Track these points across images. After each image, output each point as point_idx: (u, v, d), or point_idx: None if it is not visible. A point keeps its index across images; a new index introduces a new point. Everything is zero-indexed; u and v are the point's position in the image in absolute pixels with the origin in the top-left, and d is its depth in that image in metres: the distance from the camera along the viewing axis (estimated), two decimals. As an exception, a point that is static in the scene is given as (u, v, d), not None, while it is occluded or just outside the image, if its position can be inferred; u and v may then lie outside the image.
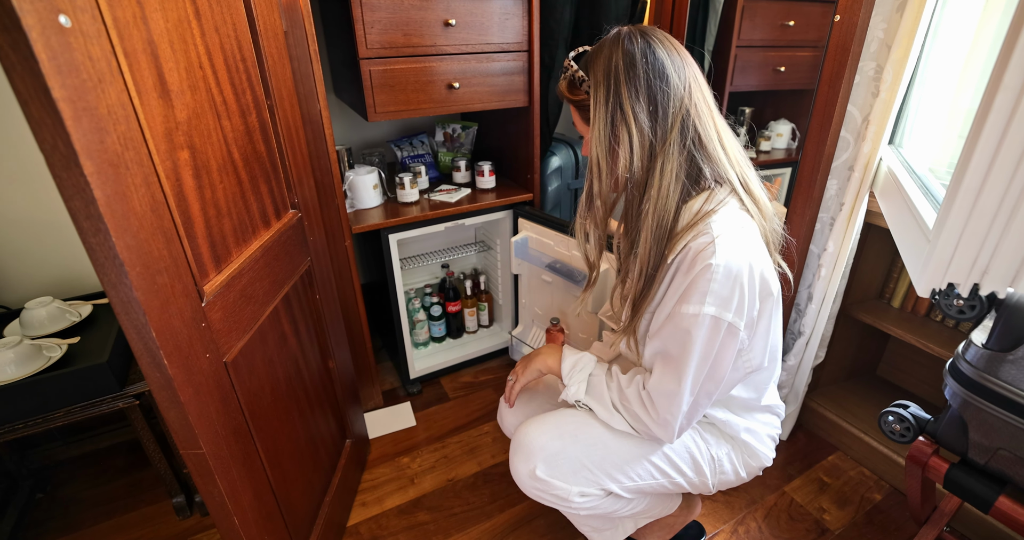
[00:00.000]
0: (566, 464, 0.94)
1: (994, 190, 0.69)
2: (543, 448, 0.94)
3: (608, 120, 0.81)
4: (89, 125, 0.54)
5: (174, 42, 0.70)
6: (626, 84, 0.78)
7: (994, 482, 0.83)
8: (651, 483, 0.99)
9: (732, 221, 0.81)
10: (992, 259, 0.73)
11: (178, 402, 0.68)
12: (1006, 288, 0.74)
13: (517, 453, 0.98)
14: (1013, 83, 0.64)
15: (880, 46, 1.18)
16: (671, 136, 0.80)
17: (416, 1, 1.31)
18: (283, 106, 1.02)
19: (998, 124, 0.67)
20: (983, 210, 0.71)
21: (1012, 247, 0.70)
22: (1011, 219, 0.69)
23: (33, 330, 1.22)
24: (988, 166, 0.69)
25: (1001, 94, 0.66)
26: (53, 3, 0.51)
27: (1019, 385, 0.75)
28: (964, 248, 0.75)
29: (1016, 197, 0.68)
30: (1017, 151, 0.66)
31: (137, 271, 0.60)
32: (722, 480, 1.03)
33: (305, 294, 1.13)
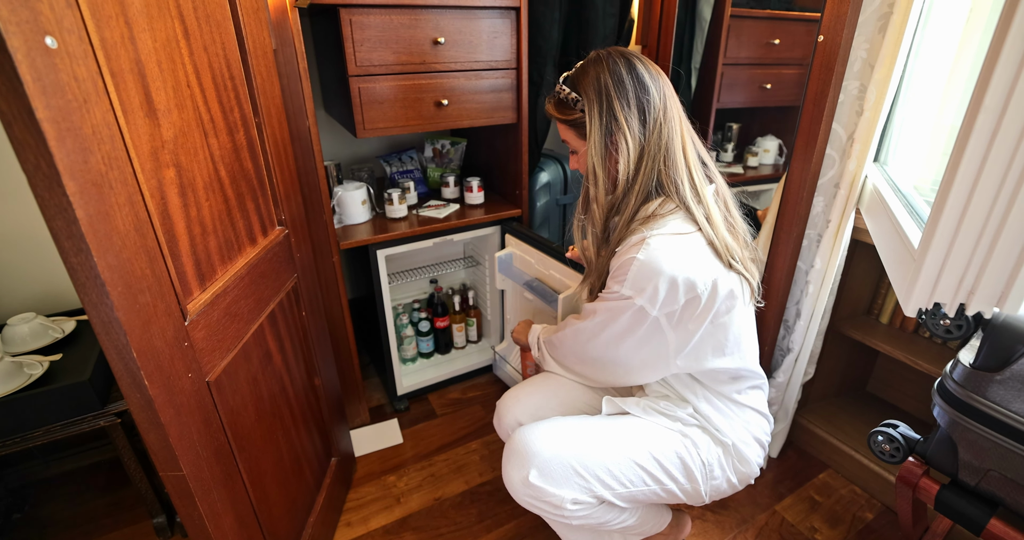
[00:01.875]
0: (560, 471, 0.95)
1: (978, 211, 0.70)
2: (537, 454, 0.95)
3: (604, 131, 0.90)
4: (73, 145, 0.54)
5: (162, 62, 0.71)
6: (617, 98, 0.89)
7: (985, 504, 0.82)
8: (643, 490, 0.99)
9: (672, 227, 0.89)
10: (978, 279, 0.74)
11: (158, 423, 0.67)
12: (992, 308, 0.75)
13: (511, 459, 0.98)
14: (993, 104, 0.66)
15: (863, 65, 1.20)
16: (652, 140, 0.90)
17: (406, 19, 1.32)
18: (271, 124, 1.02)
19: (980, 145, 0.68)
20: (968, 231, 0.72)
21: (997, 268, 0.71)
22: (996, 240, 0.70)
23: (15, 347, 1.20)
24: (971, 187, 0.70)
25: (982, 115, 0.67)
26: (40, 25, 0.51)
27: (1008, 406, 0.75)
28: (950, 268, 0.76)
29: (1000, 218, 0.69)
30: (999, 172, 0.67)
31: (119, 291, 0.60)
32: (714, 487, 1.04)
33: (291, 311, 1.13)
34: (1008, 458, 0.76)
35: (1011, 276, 0.70)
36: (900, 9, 1.10)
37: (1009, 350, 0.74)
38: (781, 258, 1.42)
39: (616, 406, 1.06)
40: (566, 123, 0.96)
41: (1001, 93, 0.64)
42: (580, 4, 1.69)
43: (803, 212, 1.37)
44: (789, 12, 2.08)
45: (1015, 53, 0.62)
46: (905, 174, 1.29)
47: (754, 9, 1.98)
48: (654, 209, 0.91)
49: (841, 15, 1.14)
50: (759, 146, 2.35)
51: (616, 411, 1.06)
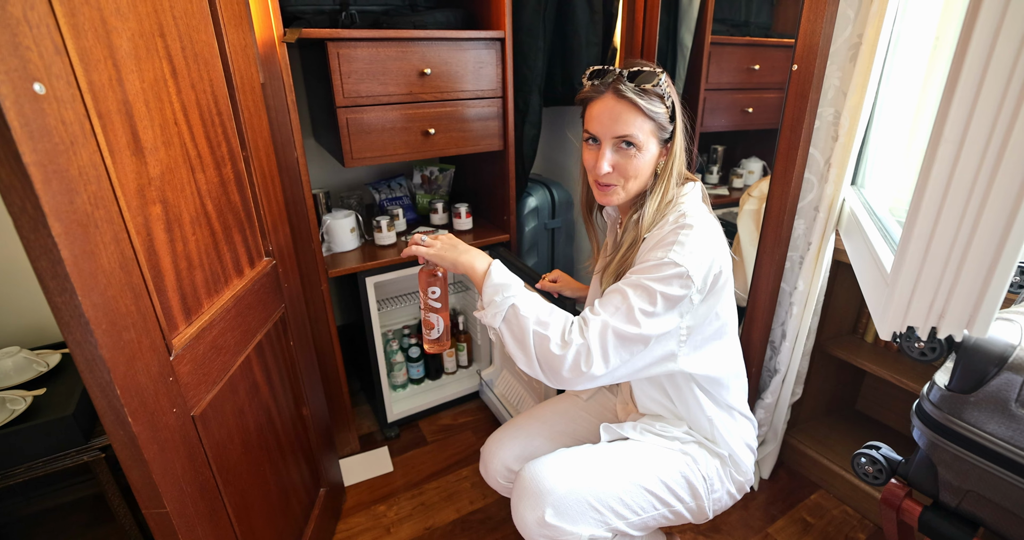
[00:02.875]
0: (576, 507, 0.93)
1: (943, 238, 0.73)
2: (551, 491, 0.93)
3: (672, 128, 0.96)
4: (59, 187, 0.55)
5: (149, 101, 0.72)
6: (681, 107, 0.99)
7: (966, 525, 0.82)
8: (653, 514, 0.99)
9: (699, 203, 0.98)
10: (947, 303, 0.76)
11: (141, 460, 0.67)
12: (962, 331, 0.76)
13: (523, 499, 0.95)
14: (953, 136, 0.69)
15: (836, 93, 1.24)
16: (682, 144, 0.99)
17: (392, 52, 1.36)
18: (259, 157, 1.04)
19: (942, 175, 0.70)
20: (935, 256, 0.74)
21: (965, 292, 0.73)
22: (961, 265, 0.72)
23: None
24: (936, 215, 0.72)
25: (943, 146, 0.69)
26: (28, 72, 0.52)
27: (983, 427, 0.75)
28: (920, 293, 0.77)
29: (964, 244, 0.71)
30: (962, 201, 0.70)
31: (103, 329, 0.60)
32: (715, 501, 1.05)
33: (279, 341, 1.13)
34: (986, 479, 0.77)
35: (977, 300, 0.72)
36: (868, 39, 1.14)
37: (981, 372, 0.75)
38: (765, 280, 1.45)
39: (615, 432, 1.06)
40: (648, 115, 0.90)
41: (960, 126, 0.67)
42: (564, 34, 1.74)
43: (784, 235, 1.39)
44: (768, 39, 2.14)
45: (970, 87, 0.65)
46: (881, 197, 1.32)
47: (734, 36, 2.04)
48: (674, 194, 0.98)
49: (813, 45, 1.18)
50: (744, 168, 2.39)
51: (616, 437, 1.06)
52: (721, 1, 2.02)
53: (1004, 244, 0.68)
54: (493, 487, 1.18)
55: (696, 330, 0.92)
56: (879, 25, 1.12)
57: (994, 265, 0.69)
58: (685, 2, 1.89)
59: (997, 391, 0.74)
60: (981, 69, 0.64)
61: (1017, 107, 0.63)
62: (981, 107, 0.65)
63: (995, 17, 0.61)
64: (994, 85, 0.64)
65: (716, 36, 1.91)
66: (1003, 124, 0.64)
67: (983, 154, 0.67)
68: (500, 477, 1.14)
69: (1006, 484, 0.74)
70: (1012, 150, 0.64)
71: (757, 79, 2.13)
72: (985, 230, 0.69)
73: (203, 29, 0.87)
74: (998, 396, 0.74)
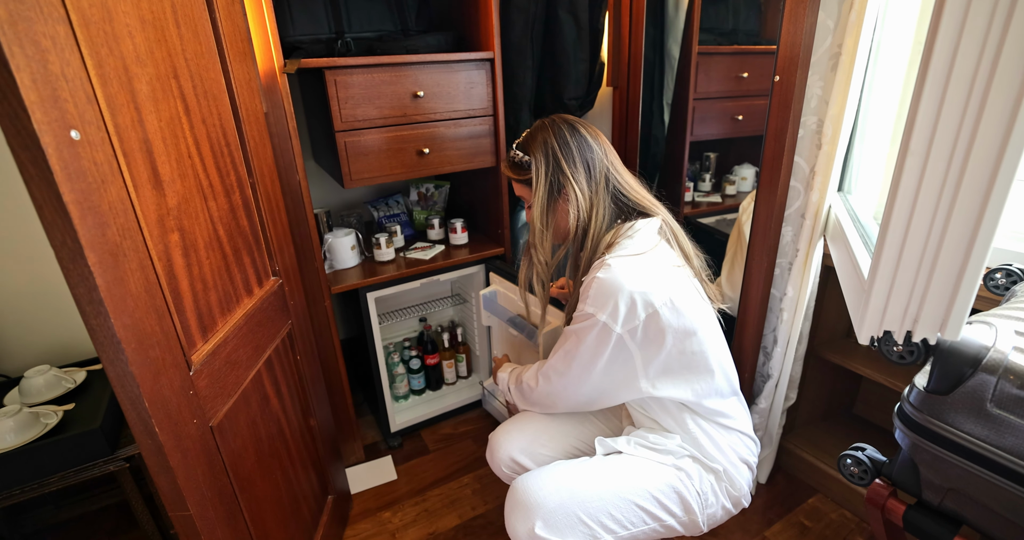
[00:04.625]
0: (564, 520, 0.97)
1: (914, 245, 0.75)
2: (541, 504, 0.97)
3: (549, 186, 1.04)
4: (93, 221, 0.62)
5: (166, 138, 0.79)
6: (564, 157, 1.04)
7: (949, 522, 0.84)
8: (644, 529, 1.02)
9: (632, 248, 1.01)
10: (920, 308, 0.78)
11: (167, 467, 0.73)
12: (936, 334, 0.78)
13: (515, 511, 1.00)
14: (919, 148, 0.71)
15: (819, 102, 1.26)
16: (600, 188, 1.05)
17: (387, 77, 1.43)
18: (264, 182, 1.10)
19: (911, 185, 0.73)
20: (907, 263, 0.77)
21: (936, 296, 0.76)
22: (932, 271, 0.75)
23: (31, 398, 1.28)
24: (906, 223, 0.75)
25: (910, 158, 0.72)
26: (66, 120, 0.59)
27: (960, 427, 0.77)
28: (895, 298, 0.80)
29: (934, 250, 0.74)
30: (930, 209, 0.73)
31: (132, 347, 0.67)
32: (710, 516, 1.07)
33: (286, 355, 1.19)
34: (964, 477, 0.78)
35: (948, 304, 0.75)
36: (848, 49, 1.16)
37: (957, 373, 0.77)
38: (755, 287, 1.46)
39: (609, 446, 1.10)
40: (520, 182, 1.09)
41: (925, 138, 0.70)
42: (552, 51, 1.81)
43: (772, 242, 1.40)
44: (755, 46, 2.17)
45: (933, 102, 0.68)
46: (866, 202, 1.34)
47: (721, 45, 2.08)
48: (611, 237, 1.03)
49: (794, 56, 1.21)
50: (736, 174, 2.43)
51: (609, 451, 1.10)
52: (708, 10, 2.05)
53: (971, 250, 0.70)
54: (498, 475, 1.25)
55: (656, 361, 0.99)
56: (858, 35, 1.14)
57: (962, 270, 0.72)
58: (671, 13, 1.93)
59: (973, 392, 0.76)
60: (942, 85, 0.67)
61: (978, 119, 0.65)
62: (944, 120, 0.68)
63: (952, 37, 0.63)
64: (955, 99, 0.66)
65: (703, 46, 1.93)
66: (965, 136, 0.66)
67: (948, 165, 0.69)
68: (504, 467, 1.21)
69: (984, 482, 0.76)
70: (975, 160, 0.66)
71: (746, 87, 2.16)
72: (953, 237, 0.71)
73: (211, 67, 0.94)
74: (974, 397, 0.75)
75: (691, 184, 2.36)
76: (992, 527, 0.79)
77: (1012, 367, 0.73)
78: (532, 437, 1.21)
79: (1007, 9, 0.60)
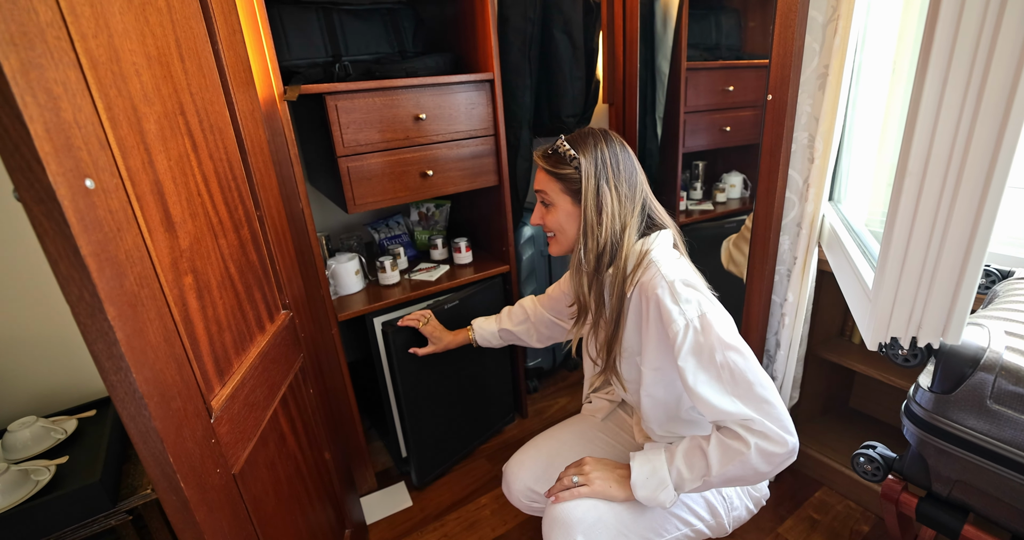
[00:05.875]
0: (604, 532, 0.97)
1: (915, 258, 0.81)
2: (581, 520, 0.97)
3: (596, 190, 1.01)
4: (111, 272, 0.59)
5: (176, 177, 0.76)
6: (612, 170, 1.02)
7: (958, 512, 0.90)
8: (676, 535, 1.05)
9: (667, 251, 1.02)
10: (923, 315, 0.84)
11: (194, 523, 0.70)
12: (938, 338, 0.84)
13: (554, 529, 0.99)
14: (915, 169, 0.76)
15: (809, 119, 1.32)
16: (637, 208, 1.03)
17: (387, 101, 1.41)
18: (271, 214, 1.08)
19: (909, 204, 0.79)
20: (909, 275, 0.82)
21: (936, 305, 0.82)
22: (932, 281, 0.81)
23: (17, 453, 1.18)
24: (907, 239, 0.80)
25: (907, 179, 0.77)
26: (80, 169, 0.56)
27: (964, 423, 0.83)
28: (899, 307, 0.85)
29: (934, 263, 0.79)
30: (927, 226, 0.78)
31: (155, 401, 0.63)
32: (735, 518, 1.11)
33: (300, 390, 1.16)
34: (971, 469, 0.84)
35: (949, 311, 0.81)
36: (834, 69, 1.22)
37: (959, 373, 0.83)
38: (756, 294, 1.51)
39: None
40: (554, 175, 1.04)
41: (922, 159, 0.74)
42: (549, 70, 1.81)
43: (771, 251, 1.46)
44: (739, 61, 2.24)
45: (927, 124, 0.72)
46: (856, 211, 1.41)
47: (707, 61, 2.13)
48: (642, 247, 1.02)
49: (785, 77, 1.26)
50: (725, 182, 2.48)
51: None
52: (693, 28, 2.11)
53: (967, 262, 0.76)
54: (516, 506, 1.23)
55: None
56: (843, 56, 1.20)
57: (960, 281, 0.77)
58: (660, 31, 1.98)
59: (973, 390, 0.82)
60: (935, 112, 0.72)
61: (968, 141, 0.70)
62: (937, 142, 0.73)
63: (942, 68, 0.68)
64: (947, 124, 0.71)
65: (691, 62, 2.01)
66: (957, 158, 0.72)
67: (943, 183, 0.74)
68: (523, 497, 1.19)
69: (989, 473, 0.82)
70: (967, 179, 0.72)
71: (732, 99, 2.22)
72: (949, 251, 0.77)
73: (216, 100, 0.91)
74: (975, 394, 0.82)
75: (683, 193, 2.39)
76: (998, 514, 0.85)
77: (1007, 366, 0.80)
78: (547, 463, 1.19)
79: (990, 40, 0.65)
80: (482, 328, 1.46)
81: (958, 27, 0.67)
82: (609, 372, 1.10)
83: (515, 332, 1.43)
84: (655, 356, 1.00)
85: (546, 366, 2.23)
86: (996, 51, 0.65)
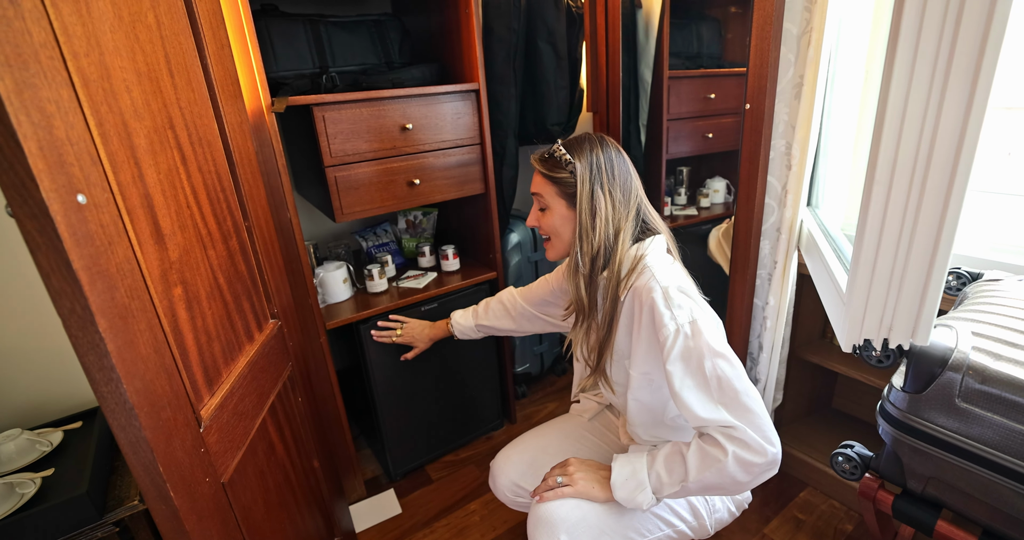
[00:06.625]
0: (587, 533, 0.99)
1: (884, 264, 0.84)
2: (564, 519, 0.99)
3: (591, 194, 1.02)
4: (102, 285, 0.60)
5: (166, 190, 0.77)
6: (607, 175, 1.03)
7: (932, 508, 0.93)
8: (659, 535, 1.07)
9: (661, 256, 1.04)
10: (893, 318, 0.88)
11: (183, 532, 0.71)
12: (908, 340, 0.88)
13: (538, 527, 1.02)
14: (883, 178, 0.79)
15: (786, 127, 1.36)
16: (631, 213, 1.05)
17: (374, 111, 1.43)
18: (259, 224, 1.09)
19: (878, 211, 0.82)
20: (879, 280, 0.86)
21: (905, 309, 0.86)
22: (901, 286, 0.84)
23: (1, 466, 1.17)
24: (876, 246, 0.84)
25: (876, 187, 0.81)
26: (72, 185, 0.57)
27: (935, 421, 0.86)
28: (871, 311, 0.89)
29: (902, 268, 0.83)
30: (895, 231, 0.81)
31: (145, 411, 0.64)
32: (717, 520, 1.13)
33: (288, 399, 1.16)
34: (942, 466, 0.87)
35: (917, 313, 0.84)
36: (808, 79, 1.27)
37: (929, 373, 0.86)
38: (739, 297, 1.54)
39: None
40: (550, 179, 1.05)
41: (888, 169, 0.77)
42: (534, 80, 1.84)
43: (752, 255, 1.50)
44: (720, 69, 2.29)
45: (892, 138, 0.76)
46: (832, 216, 1.46)
47: (689, 69, 2.18)
48: (635, 253, 1.04)
49: (762, 87, 1.30)
50: (709, 187, 2.52)
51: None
52: (675, 37, 2.16)
53: (933, 267, 0.79)
54: (502, 500, 1.26)
55: None
56: (816, 67, 1.24)
57: (927, 284, 0.81)
58: (642, 41, 2.02)
59: (943, 389, 0.85)
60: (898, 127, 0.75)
61: (930, 155, 0.74)
62: (902, 154, 0.76)
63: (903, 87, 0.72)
64: (910, 138, 0.75)
65: (673, 71, 2.05)
66: (921, 169, 0.75)
67: (908, 192, 0.78)
68: (508, 492, 1.22)
69: (959, 469, 0.85)
70: (930, 189, 0.75)
71: (714, 106, 2.27)
72: (916, 256, 0.81)
73: (205, 113, 0.93)
74: (944, 393, 0.85)
75: (668, 199, 2.44)
76: (968, 509, 0.88)
77: (973, 365, 0.83)
78: (532, 459, 1.22)
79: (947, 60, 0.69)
80: (460, 322, 1.50)
81: (917, 49, 0.70)
82: (598, 374, 1.12)
83: (493, 326, 1.46)
84: (644, 360, 1.02)
85: (534, 371, 2.25)
86: (952, 71, 0.68)
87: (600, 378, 1.13)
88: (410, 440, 1.79)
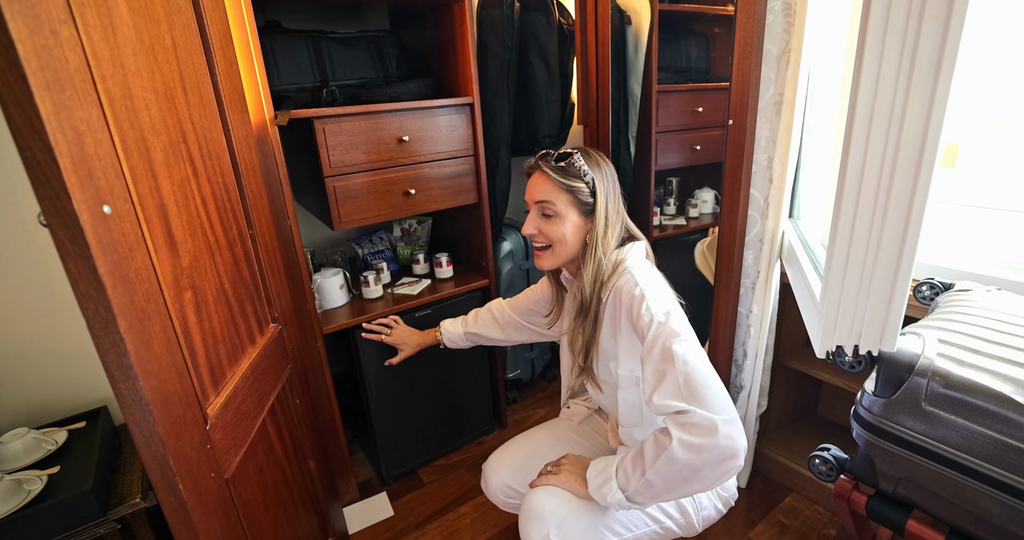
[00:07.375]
0: (576, 526, 1.04)
1: (853, 275, 0.90)
2: (554, 513, 1.04)
3: (607, 206, 1.10)
4: (123, 289, 0.65)
5: (179, 201, 0.82)
6: (615, 189, 1.12)
7: (903, 508, 0.97)
8: (646, 531, 1.11)
9: (640, 261, 1.11)
10: (862, 326, 0.93)
11: (190, 523, 0.75)
12: (876, 346, 0.93)
13: (529, 521, 1.06)
14: (851, 194, 0.85)
15: (767, 142, 1.42)
16: (620, 223, 1.13)
17: (373, 124, 1.48)
18: (262, 232, 1.14)
19: (847, 224, 0.87)
20: (849, 289, 0.91)
21: (872, 317, 0.91)
22: (868, 296, 0.90)
23: (9, 464, 1.21)
24: (846, 258, 0.89)
25: (844, 202, 0.86)
26: (99, 197, 0.62)
27: (903, 424, 0.91)
28: (842, 319, 0.94)
29: (868, 280, 0.89)
30: (863, 243, 0.87)
31: (159, 408, 0.69)
32: (704, 517, 1.17)
33: (287, 400, 1.21)
34: (911, 467, 0.92)
35: (884, 321, 0.89)
36: (788, 97, 1.33)
37: (897, 378, 0.91)
38: (724, 306, 1.60)
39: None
40: (565, 187, 1.07)
41: (855, 186, 0.83)
42: (526, 94, 1.91)
43: (736, 265, 1.56)
44: (707, 83, 2.37)
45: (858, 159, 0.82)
46: (812, 227, 1.52)
47: (678, 83, 2.25)
48: (617, 257, 1.10)
49: (744, 103, 1.37)
50: (697, 198, 2.60)
51: None
52: (664, 52, 2.23)
53: (897, 278, 0.85)
54: (494, 502, 1.30)
55: None
56: (795, 85, 1.31)
57: (892, 294, 0.87)
58: (632, 56, 2.08)
59: (910, 393, 0.90)
60: (863, 148, 0.81)
61: (892, 172, 0.79)
62: (868, 172, 0.82)
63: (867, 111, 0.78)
64: (874, 158, 0.81)
65: (662, 85, 2.12)
66: (884, 185, 0.81)
67: (873, 206, 0.83)
68: (500, 493, 1.26)
69: (927, 470, 0.89)
70: (894, 202, 0.81)
71: (702, 119, 2.35)
72: (881, 269, 0.86)
73: (214, 127, 0.98)
74: (911, 397, 0.89)
75: (657, 209, 2.50)
76: (937, 509, 0.92)
77: (938, 370, 0.87)
78: (524, 461, 1.26)
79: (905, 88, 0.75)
80: (449, 331, 1.54)
81: (878, 77, 0.76)
82: (586, 374, 1.18)
83: (482, 334, 1.51)
84: (628, 357, 1.08)
85: (525, 377, 2.30)
86: (910, 96, 0.74)
87: (588, 377, 1.18)
88: (403, 444, 1.83)
